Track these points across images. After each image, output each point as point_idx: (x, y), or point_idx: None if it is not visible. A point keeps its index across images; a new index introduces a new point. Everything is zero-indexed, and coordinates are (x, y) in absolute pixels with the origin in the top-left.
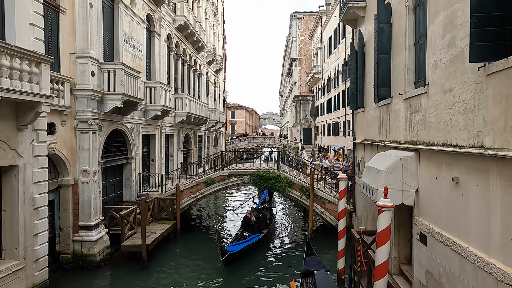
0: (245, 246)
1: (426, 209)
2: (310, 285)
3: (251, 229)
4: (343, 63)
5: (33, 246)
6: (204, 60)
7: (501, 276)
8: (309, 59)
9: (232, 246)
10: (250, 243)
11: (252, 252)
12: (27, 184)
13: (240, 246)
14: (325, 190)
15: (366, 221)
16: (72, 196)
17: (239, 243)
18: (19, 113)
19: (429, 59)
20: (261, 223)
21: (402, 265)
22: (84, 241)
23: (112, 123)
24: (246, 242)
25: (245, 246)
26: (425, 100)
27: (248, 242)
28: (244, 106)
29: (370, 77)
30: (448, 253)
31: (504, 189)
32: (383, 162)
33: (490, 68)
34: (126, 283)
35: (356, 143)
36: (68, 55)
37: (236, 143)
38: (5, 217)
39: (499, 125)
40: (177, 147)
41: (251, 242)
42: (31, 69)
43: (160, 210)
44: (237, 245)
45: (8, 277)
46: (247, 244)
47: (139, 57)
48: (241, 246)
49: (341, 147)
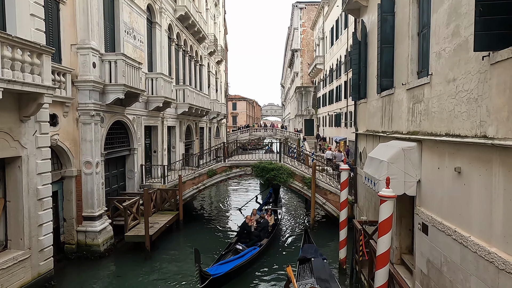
0: (234, 265)
1: (428, 199)
2: (307, 272)
3: (248, 238)
4: (345, 54)
5: (38, 236)
6: (205, 51)
7: (502, 264)
8: (311, 49)
9: (216, 267)
10: (242, 261)
11: (245, 270)
12: (30, 175)
13: (228, 266)
14: (326, 181)
15: (368, 211)
16: (75, 187)
17: (227, 262)
18: (22, 105)
19: (432, 49)
20: (262, 231)
21: (403, 254)
22: (88, 232)
23: (114, 115)
24: (236, 260)
25: (234, 265)
26: (428, 90)
27: (239, 260)
28: (245, 98)
29: (373, 68)
30: (449, 243)
31: (507, 179)
32: (386, 153)
33: (495, 57)
34: (130, 272)
35: (358, 134)
36: (69, 46)
37: (238, 134)
38: (9, 207)
39: (503, 115)
40: (179, 139)
41: (244, 259)
42: (32, 60)
43: (162, 201)
44: (224, 264)
45: (14, 266)
46: (238, 263)
47: (140, 48)
48: (229, 266)
49: (342, 138)
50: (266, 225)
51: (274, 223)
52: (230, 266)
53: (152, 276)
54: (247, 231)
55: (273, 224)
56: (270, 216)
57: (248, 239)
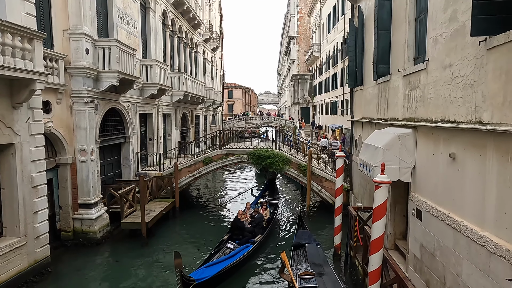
0: (223, 267)
1: (422, 185)
2: (301, 257)
3: (241, 235)
4: (342, 41)
5: (34, 224)
6: (201, 37)
7: (493, 248)
8: (308, 37)
9: (202, 270)
10: (231, 262)
11: (236, 271)
12: (24, 162)
13: (216, 268)
14: (322, 169)
15: (363, 198)
16: (70, 175)
17: (215, 263)
18: (13, 91)
19: (429, 34)
20: (256, 226)
21: (397, 240)
22: (84, 219)
23: (109, 102)
24: (226, 260)
25: (223, 267)
26: (424, 77)
27: (228, 261)
28: (241, 86)
29: (369, 54)
30: (442, 228)
31: (500, 164)
32: (381, 139)
33: (491, 42)
34: (128, 259)
35: (354, 121)
36: (61, 32)
37: (234, 122)
38: (4, 195)
39: (498, 100)
40: (175, 127)
41: (234, 259)
42: (23, 45)
43: (158, 188)
44: (211, 267)
45: (10, 253)
46: (228, 264)
47: (134, 34)
48: (216, 268)
49: (338, 126)
50: (261, 220)
51: (269, 217)
52: (218, 268)
53: (149, 262)
54: (240, 227)
55: (269, 219)
56: (265, 210)
57: (241, 236)
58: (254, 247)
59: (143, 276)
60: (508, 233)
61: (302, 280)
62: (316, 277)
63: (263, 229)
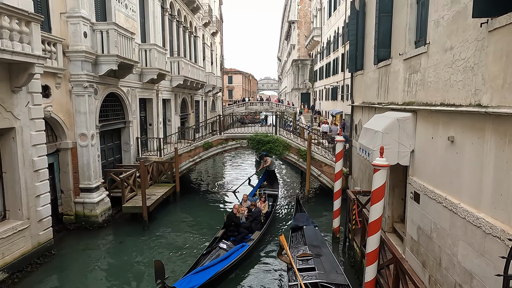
0: (214, 274)
1: (421, 169)
2: (299, 239)
3: (237, 231)
4: (343, 25)
5: (36, 207)
6: (200, 22)
7: (489, 229)
8: (308, 21)
9: (190, 278)
10: (224, 266)
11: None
12: (25, 146)
13: (205, 276)
14: (322, 154)
15: (362, 182)
16: (71, 159)
17: (205, 269)
18: (12, 75)
19: (431, 17)
20: (254, 221)
21: (395, 223)
22: (86, 203)
23: (108, 87)
24: (217, 264)
25: (214, 274)
26: (425, 60)
27: (221, 265)
28: (241, 71)
29: (370, 38)
30: (440, 210)
31: (498, 146)
32: (380, 123)
33: (493, 24)
34: (129, 241)
35: (354, 106)
36: (58, 15)
37: (234, 108)
38: (6, 179)
39: (498, 83)
40: (174, 112)
41: (227, 263)
42: (21, 28)
43: (159, 173)
44: (201, 273)
45: (14, 236)
46: (219, 269)
47: (132, 18)
48: (206, 276)
49: (339, 111)
50: (258, 215)
51: (268, 211)
52: (208, 275)
53: (151, 245)
54: (235, 223)
55: (267, 213)
56: (263, 202)
57: (236, 232)
58: (250, 247)
59: (145, 257)
60: (503, 214)
61: (300, 261)
62: (314, 258)
63: (261, 224)
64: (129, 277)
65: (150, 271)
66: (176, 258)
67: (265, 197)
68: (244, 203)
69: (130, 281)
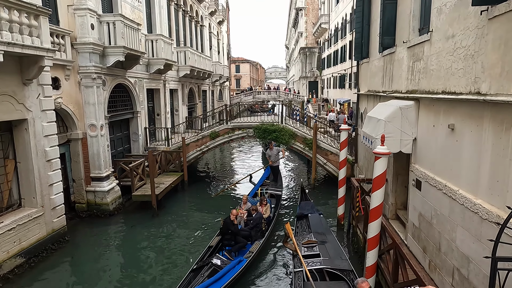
0: None
1: (422, 156)
2: (305, 227)
3: (234, 240)
4: (351, 12)
5: (49, 196)
6: (206, 10)
7: (485, 214)
8: (316, 8)
9: None
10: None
11: None
12: (38, 137)
13: None
14: (328, 142)
15: (367, 170)
16: (82, 150)
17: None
18: (23, 68)
19: (434, 4)
20: (254, 229)
21: (398, 210)
22: (97, 192)
23: (116, 78)
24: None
25: None
26: (428, 48)
27: None
28: (248, 60)
29: (376, 26)
30: (440, 197)
31: (495, 134)
32: (383, 112)
33: (492, 12)
34: (140, 228)
35: (360, 94)
36: (66, 7)
37: (242, 97)
38: (20, 168)
39: (496, 71)
40: (182, 102)
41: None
42: (30, 22)
43: (167, 162)
44: None
45: (29, 222)
46: None
47: (138, 9)
48: None
49: (346, 100)
50: (260, 221)
51: (269, 216)
52: None
53: (160, 231)
54: (232, 231)
55: (269, 218)
56: (265, 205)
57: (233, 241)
58: (248, 262)
59: (155, 243)
60: (499, 200)
61: (305, 248)
62: (319, 245)
63: (261, 232)
64: (139, 262)
65: (159, 257)
66: (184, 246)
67: (266, 200)
68: (244, 205)
69: (140, 265)
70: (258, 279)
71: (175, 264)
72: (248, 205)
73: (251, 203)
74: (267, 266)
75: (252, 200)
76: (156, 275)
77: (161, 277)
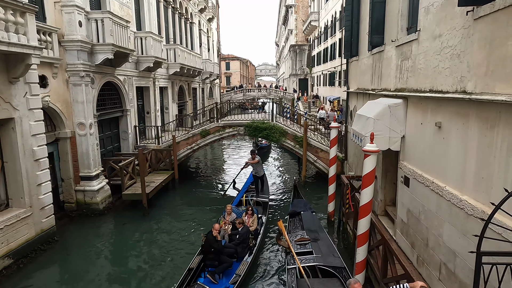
0: None
1: (411, 154)
2: (297, 225)
3: (218, 260)
4: (341, 10)
5: (38, 195)
6: (196, 8)
7: (471, 210)
8: (306, 5)
9: None
10: None
11: None
12: (25, 136)
13: None
14: (318, 140)
15: (357, 167)
16: (70, 149)
17: None
18: (9, 66)
19: (422, 4)
20: (241, 244)
21: (387, 206)
22: (86, 191)
23: (104, 76)
24: None
25: None
26: (415, 47)
27: None
28: (239, 57)
29: (365, 24)
30: (427, 193)
31: (480, 132)
32: (372, 110)
33: (478, 12)
34: (130, 228)
35: (349, 92)
36: (53, 4)
37: (232, 95)
38: (7, 168)
39: (482, 70)
40: (172, 100)
41: None
42: (16, 19)
43: (157, 161)
44: None
45: (17, 223)
46: None
47: (127, 5)
48: None
49: (336, 97)
50: (247, 236)
51: (257, 228)
52: None
53: (151, 230)
54: (215, 249)
55: (256, 231)
56: (251, 217)
57: (217, 261)
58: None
59: (146, 242)
60: (484, 196)
61: (298, 245)
62: (312, 242)
63: (249, 248)
64: (129, 261)
65: (150, 256)
66: (175, 244)
67: (252, 210)
68: (228, 216)
69: (130, 264)
70: (250, 276)
71: (166, 263)
72: (233, 216)
73: (236, 214)
74: (259, 264)
75: (236, 210)
76: (147, 274)
77: (152, 275)
